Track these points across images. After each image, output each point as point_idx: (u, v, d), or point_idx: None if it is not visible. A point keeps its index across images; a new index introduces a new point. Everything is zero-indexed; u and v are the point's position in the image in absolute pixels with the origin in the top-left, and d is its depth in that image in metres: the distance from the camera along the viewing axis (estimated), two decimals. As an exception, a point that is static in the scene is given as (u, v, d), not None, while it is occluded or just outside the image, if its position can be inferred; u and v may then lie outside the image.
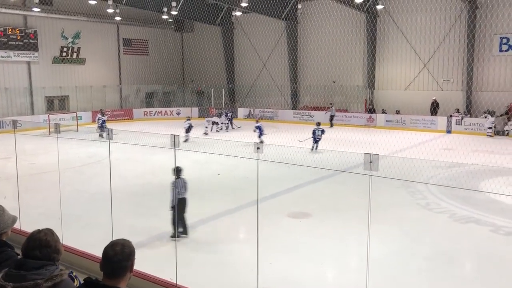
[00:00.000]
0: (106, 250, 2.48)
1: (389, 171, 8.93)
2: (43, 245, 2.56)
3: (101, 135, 21.42)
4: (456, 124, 24.90)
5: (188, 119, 23.05)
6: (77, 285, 3.32)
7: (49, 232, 2.66)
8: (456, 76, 26.71)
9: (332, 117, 28.30)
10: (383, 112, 28.10)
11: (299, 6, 30.35)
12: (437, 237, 9.11)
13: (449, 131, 24.92)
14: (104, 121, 23.69)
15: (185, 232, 8.67)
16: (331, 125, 27.38)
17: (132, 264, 2.52)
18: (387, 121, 27.30)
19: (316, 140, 18.77)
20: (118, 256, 2.45)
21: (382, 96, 29.25)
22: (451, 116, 25.32)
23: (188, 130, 21.70)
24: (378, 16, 28.43)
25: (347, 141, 19.75)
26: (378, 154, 3.89)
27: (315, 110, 30.21)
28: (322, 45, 30.03)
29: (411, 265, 7.65)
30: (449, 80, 27.04)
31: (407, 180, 11.73)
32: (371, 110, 28.86)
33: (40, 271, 2.48)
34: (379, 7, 25.90)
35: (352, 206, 10.81)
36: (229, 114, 28.09)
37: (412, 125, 26.24)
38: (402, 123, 26.66)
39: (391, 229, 8.96)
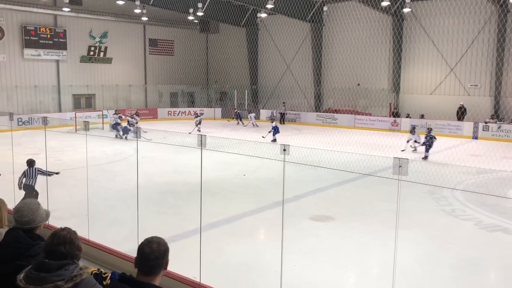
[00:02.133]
0: (143, 248, 2.49)
1: (414, 176, 8.80)
2: (67, 242, 2.62)
3: (117, 136, 22.33)
4: (483, 130, 24.37)
5: (197, 116, 25.58)
6: (107, 284, 3.38)
7: (71, 231, 2.73)
8: (484, 81, 26.18)
9: (282, 115, 31.20)
10: (408, 116, 27.72)
11: (325, 8, 30.20)
12: (463, 245, 8.93)
13: (475, 137, 24.42)
14: (117, 123, 23.63)
15: None
16: (283, 122, 30.22)
17: (167, 261, 2.56)
18: (412, 125, 26.90)
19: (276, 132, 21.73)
20: (155, 253, 2.47)
21: (407, 100, 28.87)
22: (486, 122, 24.63)
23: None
24: (405, 19, 28.08)
25: (371, 144, 19.56)
26: (408, 159, 3.85)
27: (339, 113, 30.02)
28: (347, 48, 29.81)
29: (436, 273, 7.52)
30: (477, 85, 26.52)
31: (434, 186, 11.55)
32: (396, 114, 28.51)
33: (60, 272, 2.49)
34: (406, 10, 25.54)
35: (376, 211, 10.71)
36: (238, 112, 30.29)
37: (437, 130, 25.73)
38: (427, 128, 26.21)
39: (415, 235, 8.83)
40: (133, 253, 6.70)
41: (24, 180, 9.78)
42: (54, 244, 2.59)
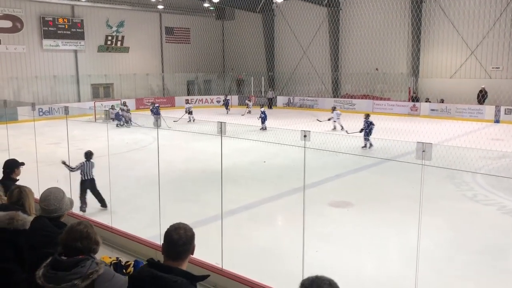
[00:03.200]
0: (170, 234, 2.52)
1: (435, 161, 8.67)
2: (84, 237, 2.61)
3: (118, 125, 22.82)
4: (505, 114, 23.88)
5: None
6: (131, 272, 3.42)
7: (88, 224, 2.71)
8: (507, 63, 25.56)
9: (271, 100, 32.38)
10: (427, 100, 27.29)
11: (342, -8, 29.79)
12: (485, 229, 8.82)
13: (497, 121, 23.97)
14: (118, 113, 23.68)
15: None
16: (270, 107, 30.88)
17: (194, 246, 2.59)
18: (431, 110, 26.54)
19: (264, 120, 21.13)
20: (183, 239, 2.50)
21: (427, 84, 28.40)
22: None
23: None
24: (424, 2, 27.49)
25: (390, 130, 19.34)
26: (431, 143, 3.80)
27: (357, 98, 29.73)
28: (365, 32, 29.37)
29: (458, 258, 7.45)
30: (499, 68, 25.91)
31: (456, 170, 11.37)
32: (415, 99, 28.10)
33: (77, 269, 2.50)
34: (425, -9, 25.07)
35: (396, 196, 10.63)
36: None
37: (457, 114, 25.39)
38: (447, 112, 25.84)
39: (436, 221, 8.74)
40: (155, 240, 6.80)
41: (81, 175, 9.46)
42: (70, 239, 2.58)
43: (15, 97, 26.15)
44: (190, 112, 24.28)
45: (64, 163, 9.24)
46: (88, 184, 9.51)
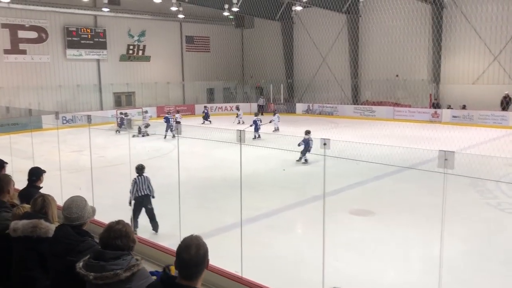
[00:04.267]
0: (181, 254, 2.38)
1: (457, 168, 8.53)
2: (123, 235, 2.70)
3: (117, 131, 22.87)
4: (530, 120, 23.38)
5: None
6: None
7: (126, 224, 2.81)
8: (531, 69, 25.05)
9: (261, 107, 32.28)
10: (449, 107, 26.87)
11: (361, -2, 29.69)
12: (510, 239, 8.62)
13: (522, 128, 23.47)
14: (123, 119, 23.57)
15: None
16: (262, 114, 29.01)
17: (207, 262, 2.47)
18: (453, 116, 26.12)
19: (256, 129, 20.74)
20: (193, 259, 2.37)
21: (448, 91, 28.00)
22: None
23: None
24: (445, 7, 27.19)
25: (411, 137, 19.13)
26: (454, 151, 3.74)
27: (377, 105, 29.48)
28: (385, 38, 29.16)
29: (484, 269, 7.29)
30: (523, 73, 25.41)
31: (479, 178, 11.17)
32: (436, 105, 27.71)
33: (118, 261, 2.61)
34: (447, -3, 24.78)
35: (417, 205, 10.49)
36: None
37: (480, 121, 24.93)
38: (469, 119, 25.40)
39: (459, 230, 8.58)
40: (175, 247, 6.82)
41: (135, 192, 8.71)
42: (110, 237, 2.68)
43: (39, 106, 26.72)
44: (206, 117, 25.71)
45: (130, 203, 8.61)
46: (141, 201, 8.70)
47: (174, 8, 28.56)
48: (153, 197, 8.95)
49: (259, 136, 20.32)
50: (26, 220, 3.33)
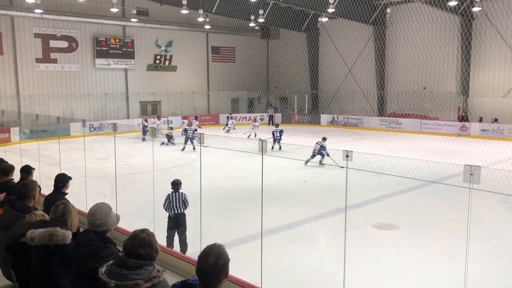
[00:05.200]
0: (200, 263, 2.41)
1: (486, 183, 8.31)
2: (146, 244, 2.70)
3: (143, 139, 22.74)
4: None
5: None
6: None
7: (150, 233, 2.81)
8: None
9: (271, 117, 32.98)
10: (480, 120, 26.21)
11: (388, 10, 29.47)
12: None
13: (555, 143, 22.73)
14: (146, 126, 23.93)
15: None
16: (273, 123, 30.76)
17: (227, 271, 2.47)
18: (482, 130, 25.52)
19: (275, 140, 20.34)
20: (212, 269, 2.38)
21: (477, 104, 27.39)
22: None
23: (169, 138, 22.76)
24: (474, 19, 26.72)
25: (438, 151, 18.77)
26: (480, 166, 3.64)
27: (404, 117, 29.08)
28: (412, 50, 28.82)
29: (510, 287, 7.05)
30: (556, 87, 24.69)
31: (507, 194, 10.84)
32: (464, 118, 27.14)
33: (140, 271, 2.61)
34: (476, 9, 24.27)
35: (443, 220, 10.25)
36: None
37: (511, 136, 24.29)
38: (499, 133, 24.77)
39: (486, 247, 8.33)
40: (196, 256, 6.82)
41: (168, 209, 8.24)
42: (134, 245, 2.68)
43: (68, 114, 27.36)
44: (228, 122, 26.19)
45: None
46: (175, 221, 8.16)
47: (200, 19, 28.93)
48: (186, 207, 8.39)
49: (280, 148, 20.12)
50: (42, 229, 3.36)
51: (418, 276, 7.41)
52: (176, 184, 8.39)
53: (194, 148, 20.29)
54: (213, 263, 2.38)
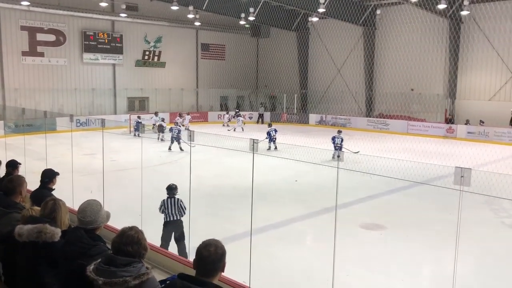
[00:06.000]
0: (201, 251, 2.54)
1: (472, 185, 8.39)
2: (135, 242, 2.70)
3: (134, 134, 23.54)
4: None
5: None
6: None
7: (139, 230, 2.80)
8: (549, 87, 24.71)
9: (261, 115, 33.73)
10: (467, 122, 26.50)
11: (378, 11, 29.62)
12: (525, 260, 8.43)
13: (539, 146, 23.09)
14: (139, 123, 23.64)
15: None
16: (262, 122, 32.34)
17: (224, 264, 2.59)
18: (468, 132, 25.83)
19: (271, 139, 20.31)
20: (212, 256, 2.51)
21: (464, 106, 27.72)
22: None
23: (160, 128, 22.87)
24: (463, 23, 27.00)
25: (425, 152, 18.94)
26: (470, 169, 3.67)
27: (391, 118, 29.29)
28: (401, 52, 29.03)
29: (495, 288, 7.14)
30: (541, 91, 25.07)
31: (495, 197, 10.98)
32: (451, 121, 27.43)
33: (128, 268, 2.60)
34: (464, 13, 24.52)
35: (430, 221, 10.34)
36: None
37: (496, 138, 24.62)
38: (485, 136, 25.08)
39: (472, 248, 8.42)
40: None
41: (164, 216, 7.83)
42: (122, 243, 2.69)
43: (54, 108, 27.02)
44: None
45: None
46: (171, 228, 7.74)
47: (191, 16, 28.81)
48: (183, 215, 7.88)
49: (275, 148, 20.00)
50: (31, 225, 3.29)
51: (406, 277, 7.46)
52: (171, 189, 7.97)
53: (181, 149, 19.63)
54: (214, 251, 2.53)
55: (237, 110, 31.63)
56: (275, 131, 20.57)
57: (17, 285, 3.47)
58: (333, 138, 18.03)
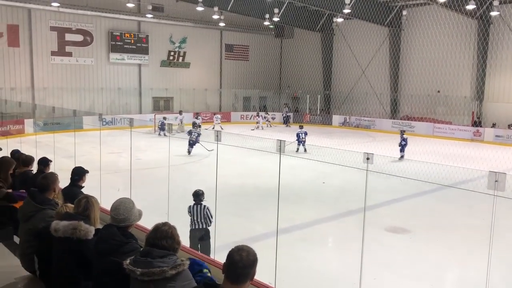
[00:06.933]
0: (233, 254, 2.49)
1: (506, 190, 8.19)
2: (169, 236, 2.78)
3: (159, 134, 23.97)
4: None
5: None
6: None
7: (172, 226, 2.89)
8: None
9: (286, 117, 33.54)
10: (493, 126, 25.91)
11: (404, 12, 29.25)
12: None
13: None
14: (163, 123, 24.24)
15: None
16: (286, 123, 32.79)
17: (254, 273, 2.53)
18: (496, 136, 25.21)
19: (300, 142, 19.91)
20: (243, 261, 2.46)
21: (492, 109, 27.08)
22: None
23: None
24: (491, 24, 26.39)
25: (451, 155, 18.60)
26: (505, 173, 3.58)
27: (417, 120, 28.86)
28: (427, 53, 28.57)
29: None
30: None
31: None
32: (478, 124, 26.85)
33: (165, 259, 2.68)
34: (494, 13, 23.97)
35: (456, 225, 10.15)
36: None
37: (525, 142, 24.00)
38: (514, 139, 24.47)
39: (503, 255, 8.21)
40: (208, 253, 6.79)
41: (190, 223, 7.44)
42: (157, 238, 2.77)
43: (81, 107, 27.55)
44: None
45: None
46: (197, 236, 7.33)
47: (215, 17, 28.97)
48: (209, 226, 7.50)
49: (305, 150, 19.53)
50: (67, 222, 3.38)
51: (435, 282, 7.33)
52: (198, 195, 7.58)
53: (189, 153, 18.75)
54: (246, 256, 2.47)
55: (262, 112, 31.88)
56: (305, 133, 20.08)
57: (51, 280, 3.55)
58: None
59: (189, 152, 18.96)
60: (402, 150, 18.76)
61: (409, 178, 11.86)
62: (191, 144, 18.87)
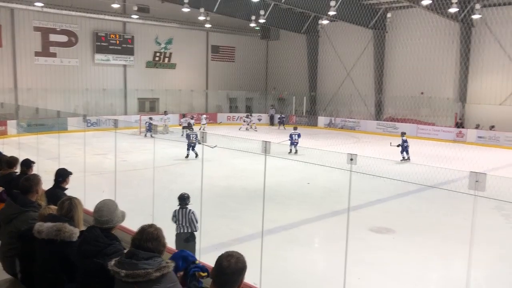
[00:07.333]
0: (221, 260, 2.45)
1: (486, 190, 8.34)
2: (154, 238, 2.77)
3: (145, 135, 24.11)
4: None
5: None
6: (206, 275, 3.42)
7: (158, 228, 2.87)
8: (562, 92, 24.46)
9: (273, 117, 34.05)
10: (477, 127, 26.32)
11: (389, 15, 29.57)
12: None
13: (550, 152, 22.85)
14: (150, 124, 24.98)
15: None
16: (272, 124, 33.53)
17: (242, 280, 2.49)
18: (478, 137, 25.63)
19: (293, 143, 19.92)
20: (231, 268, 2.42)
21: (474, 111, 27.50)
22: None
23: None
24: (474, 26, 26.82)
25: (435, 156, 18.84)
26: (485, 174, 3.66)
27: (400, 122, 29.17)
28: (411, 55, 28.92)
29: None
30: (553, 96, 24.82)
31: (506, 201, 10.90)
32: (460, 125, 27.26)
33: (150, 261, 2.67)
34: (476, 16, 24.38)
35: (439, 225, 10.29)
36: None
37: (507, 143, 24.41)
38: (495, 140, 24.89)
39: (483, 253, 8.35)
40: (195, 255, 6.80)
41: (176, 227, 7.34)
42: (142, 239, 2.75)
43: (65, 108, 27.25)
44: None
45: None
46: (183, 239, 7.23)
47: (201, 18, 28.93)
48: (195, 231, 7.37)
49: (296, 152, 19.54)
50: (51, 223, 3.36)
51: (418, 282, 7.43)
52: (183, 199, 7.46)
53: (196, 155, 17.98)
54: (234, 263, 2.44)
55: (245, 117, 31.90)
56: (299, 135, 20.14)
57: (34, 282, 3.53)
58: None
59: (187, 156, 18.44)
60: (405, 152, 18.80)
61: (393, 179, 11.99)
62: (193, 147, 18.33)
